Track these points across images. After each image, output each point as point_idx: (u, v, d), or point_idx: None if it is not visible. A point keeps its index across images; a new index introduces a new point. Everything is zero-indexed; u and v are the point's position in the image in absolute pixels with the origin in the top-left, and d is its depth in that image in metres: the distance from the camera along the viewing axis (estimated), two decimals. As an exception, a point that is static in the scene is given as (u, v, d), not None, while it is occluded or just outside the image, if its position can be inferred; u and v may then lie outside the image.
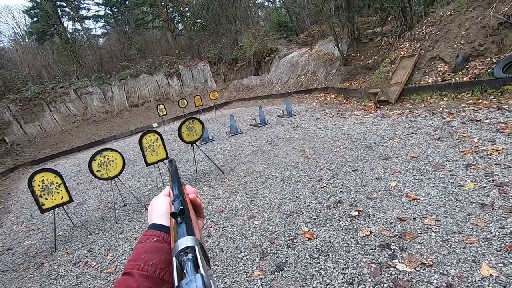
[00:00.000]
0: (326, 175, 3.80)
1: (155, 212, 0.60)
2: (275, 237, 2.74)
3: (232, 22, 19.94)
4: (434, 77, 6.61)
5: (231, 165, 5.23)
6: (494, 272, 1.77)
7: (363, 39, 11.23)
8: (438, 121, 4.71)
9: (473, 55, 6.21)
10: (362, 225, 2.58)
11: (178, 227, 0.47)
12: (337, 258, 2.27)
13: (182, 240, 0.42)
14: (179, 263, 0.39)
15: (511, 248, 1.91)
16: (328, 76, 11.89)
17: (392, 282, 1.90)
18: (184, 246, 0.40)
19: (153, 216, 0.60)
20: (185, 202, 0.56)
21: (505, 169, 2.85)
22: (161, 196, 0.66)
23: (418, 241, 2.21)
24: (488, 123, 4.07)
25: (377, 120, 5.76)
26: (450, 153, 3.50)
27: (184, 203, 0.54)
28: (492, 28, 5.99)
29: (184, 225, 0.46)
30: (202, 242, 0.45)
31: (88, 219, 4.39)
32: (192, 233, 0.44)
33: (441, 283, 1.79)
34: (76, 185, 6.50)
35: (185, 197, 0.60)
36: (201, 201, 0.64)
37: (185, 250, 0.40)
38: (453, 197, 2.63)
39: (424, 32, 7.74)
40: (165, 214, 0.58)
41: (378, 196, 2.98)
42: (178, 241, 0.42)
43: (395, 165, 3.57)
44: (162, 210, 0.60)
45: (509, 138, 3.47)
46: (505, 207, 2.32)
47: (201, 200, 0.64)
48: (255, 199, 3.63)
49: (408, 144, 4.13)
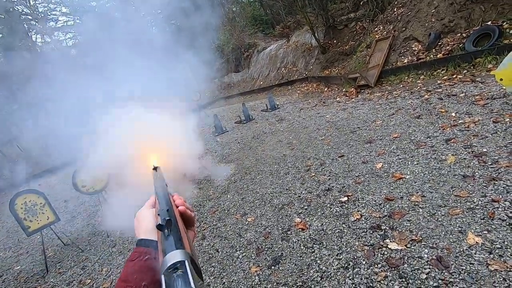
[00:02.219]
0: (314, 164, 3.83)
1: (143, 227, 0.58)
2: (269, 232, 2.75)
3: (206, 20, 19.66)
4: (409, 57, 6.74)
5: (220, 164, 5.20)
6: (479, 240, 1.83)
7: (338, 26, 11.31)
8: (417, 100, 4.82)
9: (444, 32, 6.37)
10: (352, 209, 2.62)
11: (166, 239, 0.44)
12: (331, 245, 2.30)
13: (170, 255, 0.39)
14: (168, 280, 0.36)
15: (493, 215, 1.98)
16: (308, 66, 11.95)
17: (385, 261, 1.94)
18: (173, 262, 0.38)
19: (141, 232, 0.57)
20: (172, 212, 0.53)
21: (483, 139, 2.95)
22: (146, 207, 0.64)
23: (407, 218, 2.27)
24: (464, 97, 4.19)
25: (359, 105, 5.83)
26: (431, 130, 3.59)
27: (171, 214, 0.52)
28: (459, 4, 6.14)
29: (172, 238, 0.44)
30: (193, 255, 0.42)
31: (78, 236, 4.28)
32: (181, 246, 0.42)
33: (431, 257, 1.84)
34: (63, 202, 6.31)
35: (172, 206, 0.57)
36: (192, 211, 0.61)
37: (175, 265, 0.37)
38: (437, 172, 2.70)
39: (396, 14, 7.87)
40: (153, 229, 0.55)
41: (366, 179, 3.03)
42: (166, 256, 0.39)
43: (379, 147, 3.64)
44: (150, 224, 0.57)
45: (484, 109, 3.59)
46: (485, 176, 2.41)
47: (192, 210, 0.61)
48: (246, 196, 3.62)
49: (390, 125, 4.21)
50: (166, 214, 0.50)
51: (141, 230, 0.57)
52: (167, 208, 0.53)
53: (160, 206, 0.56)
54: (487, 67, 4.91)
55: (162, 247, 0.43)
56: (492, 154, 2.66)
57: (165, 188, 0.66)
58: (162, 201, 0.58)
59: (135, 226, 0.61)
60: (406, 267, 1.84)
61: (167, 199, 0.59)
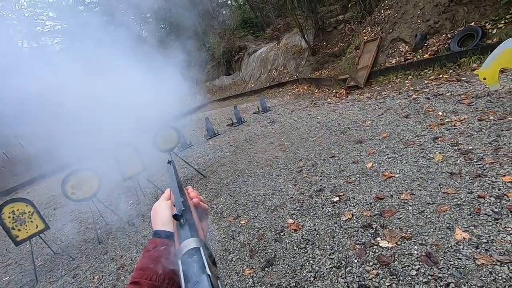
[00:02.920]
0: (306, 165, 3.86)
1: (159, 219, 0.60)
2: (262, 234, 2.75)
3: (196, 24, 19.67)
4: (397, 57, 6.87)
5: (212, 168, 5.19)
6: (466, 235, 1.87)
7: (327, 28, 11.45)
8: (405, 100, 4.91)
9: (430, 33, 6.52)
10: (344, 209, 2.65)
11: (182, 228, 0.46)
12: (323, 244, 2.32)
13: (186, 243, 0.41)
14: (185, 266, 0.38)
15: (479, 210, 2.03)
16: (298, 68, 12.04)
17: (376, 259, 1.97)
18: (188, 248, 0.40)
19: (157, 223, 0.59)
20: (186, 203, 0.55)
21: (468, 137, 3.03)
22: (162, 200, 0.66)
23: (397, 216, 2.30)
24: (450, 96, 4.30)
25: (349, 105, 5.91)
26: (419, 129, 3.66)
27: (186, 205, 0.54)
28: (444, 5, 6.30)
29: (187, 227, 0.46)
30: (207, 243, 0.44)
31: (69, 244, 4.20)
32: (196, 234, 0.44)
33: (421, 253, 1.88)
34: (53, 210, 6.19)
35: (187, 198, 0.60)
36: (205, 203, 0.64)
37: (190, 252, 0.39)
38: (425, 170, 2.76)
39: (383, 16, 8.02)
40: (169, 221, 0.57)
41: (356, 179, 3.07)
42: (182, 243, 0.42)
43: (369, 147, 3.69)
44: (166, 217, 0.59)
45: (469, 107, 3.68)
46: (471, 173, 2.47)
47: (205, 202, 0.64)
48: (239, 199, 3.62)
49: (379, 125, 4.27)
50: (181, 205, 0.52)
51: (157, 222, 0.60)
52: (182, 199, 0.55)
53: (175, 198, 0.58)
54: (471, 67, 5.04)
55: (178, 235, 0.46)
56: (477, 151, 2.73)
57: (179, 180, 0.69)
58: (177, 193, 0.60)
59: (151, 218, 0.63)
60: (397, 264, 1.87)
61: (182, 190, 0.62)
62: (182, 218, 0.48)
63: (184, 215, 0.48)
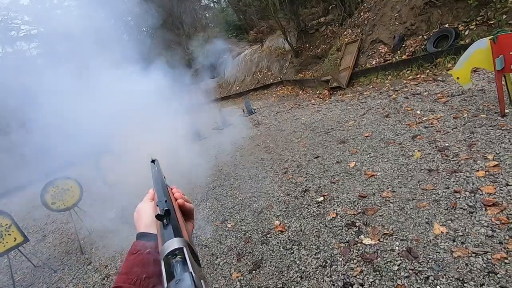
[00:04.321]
0: (291, 166, 3.90)
1: (142, 221, 0.58)
2: (249, 236, 2.76)
3: (179, 27, 19.51)
4: (377, 58, 7.07)
5: (198, 172, 5.14)
6: (444, 229, 1.95)
7: (310, 30, 11.63)
8: (385, 99, 5.06)
9: (407, 34, 6.74)
10: (328, 208, 2.70)
11: (165, 229, 0.46)
12: (309, 244, 2.35)
13: (169, 243, 0.41)
14: (168, 266, 0.37)
15: (455, 205, 2.12)
16: (282, 70, 12.15)
17: (360, 256, 2.02)
18: (171, 249, 0.39)
19: (141, 225, 0.58)
20: (170, 203, 0.54)
21: (445, 134, 3.15)
22: (145, 201, 0.65)
23: (379, 214, 2.37)
24: (427, 95, 4.46)
25: (332, 106, 6.02)
26: (398, 128, 3.78)
27: (169, 204, 0.53)
28: (419, 8, 6.54)
29: (170, 227, 0.45)
30: (191, 243, 0.44)
31: (50, 256, 4.05)
32: (179, 234, 0.43)
33: (402, 249, 1.94)
34: (32, 221, 5.96)
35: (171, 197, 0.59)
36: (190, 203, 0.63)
37: (173, 252, 0.39)
38: (405, 168, 2.85)
39: (363, 18, 8.23)
40: (153, 223, 0.56)
41: (340, 178, 3.13)
42: (165, 244, 0.41)
43: (352, 147, 3.77)
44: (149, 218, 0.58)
45: (445, 106, 3.83)
46: (448, 169, 2.57)
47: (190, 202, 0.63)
48: (225, 202, 3.61)
49: (361, 124, 4.38)
50: (165, 205, 0.52)
51: (141, 224, 0.58)
52: (165, 199, 0.54)
53: (158, 198, 0.57)
54: (447, 67, 5.25)
55: (161, 236, 0.45)
56: (453, 148, 2.85)
57: (163, 180, 0.68)
58: (160, 193, 0.59)
59: (135, 220, 0.61)
60: (380, 261, 1.92)
61: (165, 190, 0.61)
62: (165, 219, 0.47)
63: (167, 215, 0.47)
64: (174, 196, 0.62)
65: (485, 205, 2.02)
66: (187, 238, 0.44)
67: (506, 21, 4.90)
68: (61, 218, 5.32)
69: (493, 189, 2.13)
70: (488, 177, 2.29)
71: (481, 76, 4.26)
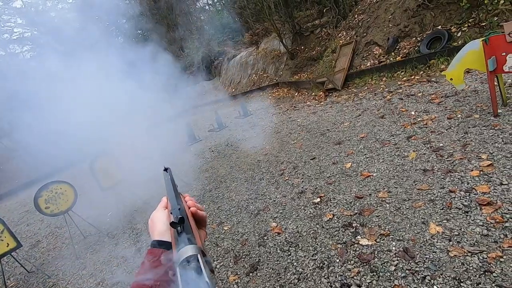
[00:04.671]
0: (287, 168, 3.90)
1: (156, 229, 0.60)
2: (246, 239, 2.75)
3: (174, 30, 19.48)
4: (371, 60, 7.12)
5: (194, 174, 5.12)
6: (440, 229, 1.96)
7: (305, 33, 11.69)
8: (380, 101, 5.09)
9: (401, 36, 6.81)
10: (325, 210, 2.70)
11: (179, 236, 0.46)
12: (306, 246, 2.34)
13: (183, 250, 0.42)
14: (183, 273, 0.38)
15: (451, 204, 2.13)
16: (278, 72, 12.19)
17: (357, 257, 2.02)
18: (186, 256, 0.40)
19: (155, 233, 0.59)
20: (183, 210, 0.55)
21: (439, 135, 3.18)
22: (159, 209, 0.66)
23: (376, 214, 2.37)
24: (421, 96, 4.50)
25: (328, 108, 6.04)
26: (394, 128, 3.80)
27: (183, 212, 0.54)
28: (412, 10, 6.62)
29: (184, 234, 0.46)
30: (204, 250, 0.45)
31: (44, 261, 3.99)
32: (194, 242, 0.44)
33: (398, 249, 1.94)
34: (26, 227, 5.86)
35: (184, 205, 0.60)
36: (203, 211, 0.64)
37: (188, 259, 0.40)
38: (400, 168, 2.86)
39: (357, 20, 8.30)
40: (167, 230, 0.57)
41: (336, 179, 3.14)
42: (180, 251, 0.42)
43: (348, 148, 3.79)
44: (163, 226, 0.59)
45: (439, 106, 3.87)
46: (442, 169, 2.59)
47: (203, 210, 0.64)
48: (222, 205, 3.60)
49: (357, 126, 4.40)
50: (178, 213, 0.52)
51: (155, 232, 0.60)
52: (179, 207, 0.55)
53: (172, 205, 0.58)
54: (440, 68, 5.31)
55: (176, 243, 0.46)
56: (447, 148, 2.88)
57: (175, 187, 0.69)
58: (174, 200, 0.60)
59: (149, 228, 0.63)
60: (377, 261, 1.92)
61: (178, 198, 0.62)
62: (179, 226, 0.48)
63: (181, 222, 0.48)
64: (187, 204, 0.63)
65: (480, 204, 2.03)
66: (200, 245, 0.45)
67: (497, 22, 4.98)
68: (55, 223, 5.25)
69: (487, 189, 2.15)
70: (482, 176, 2.31)
71: (474, 77, 4.31)
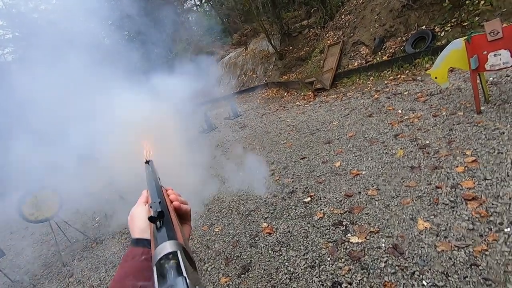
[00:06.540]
0: (278, 168, 3.90)
1: (136, 226, 0.56)
2: (237, 240, 2.73)
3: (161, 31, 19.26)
4: (359, 60, 7.22)
5: (184, 176, 5.06)
6: (428, 224, 1.99)
7: (293, 33, 11.75)
8: (368, 100, 5.16)
9: (387, 36, 6.93)
10: (315, 209, 2.71)
11: (158, 231, 0.43)
12: (297, 245, 2.34)
13: (162, 246, 0.38)
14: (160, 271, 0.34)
15: (437, 200, 2.17)
16: (267, 72, 12.21)
17: (348, 255, 2.03)
18: (165, 253, 0.36)
19: (135, 231, 0.55)
20: (164, 204, 0.52)
21: (425, 132, 3.24)
22: (139, 204, 0.62)
23: (365, 212, 2.40)
24: (408, 95, 4.58)
25: (317, 107, 6.09)
26: (381, 127, 3.86)
27: (163, 205, 0.51)
28: (397, 11, 6.74)
29: (164, 229, 0.43)
30: (186, 246, 0.41)
31: (29, 270, 3.86)
32: (174, 237, 0.41)
33: (388, 245, 1.96)
34: (9, 234, 5.67)
35: (165, 198, 0.57)
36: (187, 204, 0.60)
37: (167, 256, 0.36)
38: (388, 166, 2.90)
39: (344, 20, 8.40)
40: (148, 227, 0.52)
41: (326, 178, 3.16)
42: (158, 247, 0.38)
43: (337, 146, 3.82)
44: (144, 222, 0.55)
45: (425, 104, 3.95)
46: (429, 166, 2.64)
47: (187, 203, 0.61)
48: (212, 206, 3.56)
49: (346, 125, 4.44)
50: (158, 206, 0.49)
51: (135, 229, 0.56)
52: (159, 201, 0.52)
53: (152, 199, 0.55)
54: (425, 67, 5.42)
55: (154, 239, 0.42)
56: (433, 145, 2.94)
57: (157, 181, 0.65)
58: (154, 194, 0.57)
59: (129, 225, 0.59)
60: (367, 258, 1.94)
61: (159, 191, 0.58)
62: (159, 221, 0.45)
63: (161, 217, 0.45)
64: (170, 198, 0.59)
65: (465, 199, 2.08)
66: (182, 241, 0.41)
67: (479, 22, 5.12)
68: (40, 230, 5.09)
69: (472, 184, 2.20)
70: (467, 172, 2.37)
71: (458, 76, 4.42)
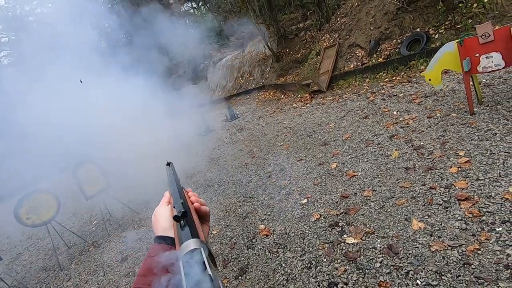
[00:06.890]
0: (275, 170, 3.93)
1: (159, 224, 0.60)
2: (234, 242, 2.74)
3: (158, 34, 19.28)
4: (355, 62, 7.28)
5: (181, 179, 5.07)
6: (422, 225, 2.02)
7: (289, 36, 11.82)
8: (364, 101, 5.21)
9: (382, 38, 7.00)
10: (312, 210, 2.73)
11: (182, 230, 0.46)
12: (294, 247, 2.36)
13: (186, 243, 0.42)
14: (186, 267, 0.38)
15: (432, 201, 2.21)
16: (264, 75, 12.26)
17: (344, 256, 2.05)
18: (189, 249, 0.40)
19: (158, 229, 0.60)
20: (186, 204, 0.55)
21: (420, 133, 3.29)
22: (162, 205, 0.66)
23: (361, 213, 2.42)
24: (403, 96, 4.64)
25: (313, 109, 6.13)
26: (377, 128, 3.90)
27: (186, 206, 0.54)
28: (392, 13, 6.82)
29: (187, 228, 0.46)
30: (208, 244, 0.45)
31: (26, 274, 3.85)
32: (197, 235, 0.44)
33: (383, 246, 1.99)
34: (5, 239, 5.64)
35: (187, 199, 0.60)
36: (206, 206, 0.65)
37: (191, 253, 0.40)
38: (384, 167, 2.94)
39: (340, 23, 8.48)
40: (170, 226, 0.57)
41: (323, 180, 3.18)
42: (183, 244, 0.42)
43: (333, 148, 3.85)
44: (166, 221, 0.60)
45: (419, 106, 4.00)
46: (424, 167, 2.68)
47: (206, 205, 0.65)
48: (210, 209, 3.57)
49: (342, 126, 4.48)
50: (181, 206, 0.53)
51: (158, 227, 0.60)
52: (182, 201, 0.55)
53: (174, 200, 0.59)
54: (420, 69, 5.49)
55: (179, 237, 0.46)
56: (428, 146, 2.98)
57: (178, 182, 0.69)
58: (177, 195, 0.60)
59: (153, 224, 0.64)
60: (363, 259, 1.96)
61: (181, 192, 0.62)
62: (182, 220, 0.48)
63: (184, 216, 0.48)
64: (190, 199, 0.63)
65: (459, 199, 2.11)
66: (204, 239, 0.45)
67: (472, 25, 5.20)
68: (38, 234, 5.08)
69: (465, 184, 2.24)
70: (460, 172, 2.40)
71: (451, 78, 4.48)
